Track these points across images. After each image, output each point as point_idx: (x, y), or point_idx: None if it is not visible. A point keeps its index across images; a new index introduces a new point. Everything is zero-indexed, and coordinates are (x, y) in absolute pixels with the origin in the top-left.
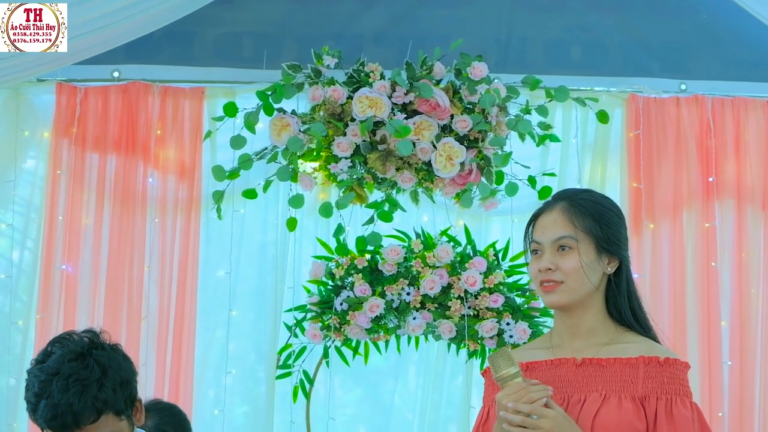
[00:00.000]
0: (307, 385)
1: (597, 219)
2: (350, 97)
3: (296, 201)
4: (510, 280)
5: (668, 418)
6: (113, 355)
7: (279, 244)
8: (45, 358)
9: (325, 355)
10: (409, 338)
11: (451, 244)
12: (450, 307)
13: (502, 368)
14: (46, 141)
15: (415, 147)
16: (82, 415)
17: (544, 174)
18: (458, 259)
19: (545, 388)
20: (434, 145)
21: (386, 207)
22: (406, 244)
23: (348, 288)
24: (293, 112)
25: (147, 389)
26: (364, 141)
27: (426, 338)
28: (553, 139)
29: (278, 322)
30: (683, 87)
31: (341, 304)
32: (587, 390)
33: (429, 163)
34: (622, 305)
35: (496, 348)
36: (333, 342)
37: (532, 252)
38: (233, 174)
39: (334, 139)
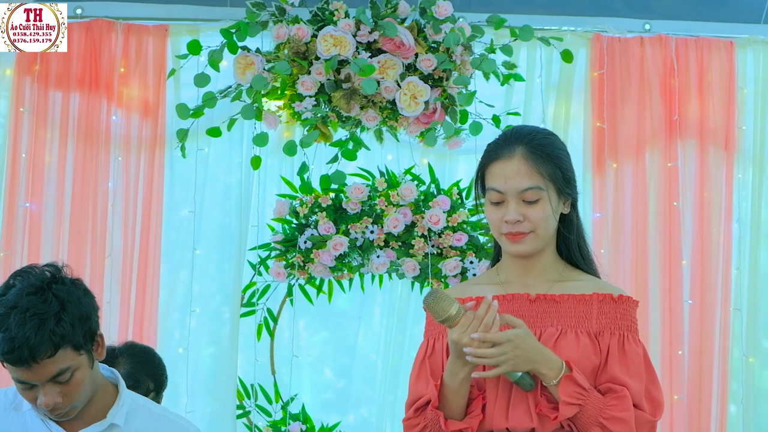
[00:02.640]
0: (271, 323)
1: (557, 163)
2: (315, 36)
3: (260, 139)
4: (473, 218)
5: (621, 353)
6: (73, 289)
7: (243, 182)
8: (5, 291)
9: (289, 293)
10: (373, 277)
11: (415, 182)
12: (414, 245)
13: (445, 311)
14: (8, 79)
15: (379, 86)
16: (39, 349)
17: (508, 113)
18: (422, 197)
19: (487, 302)
20: (399, 84)
21: (350, 145)
22: (370, 183)
23: (312, 226)
24: (257, 51)
25: (111, 328)
26: (328, 79)
27: (390, 277)
28: (518, 78)
29: (243, 261)
30: (647, 27)
31: (305, 242)
32: (542, 325)
33: (393, 102)
34: (573, 243)
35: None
36: (297, 280)
37: (492, 200)
38: (197, 112)
39: (298, 78)
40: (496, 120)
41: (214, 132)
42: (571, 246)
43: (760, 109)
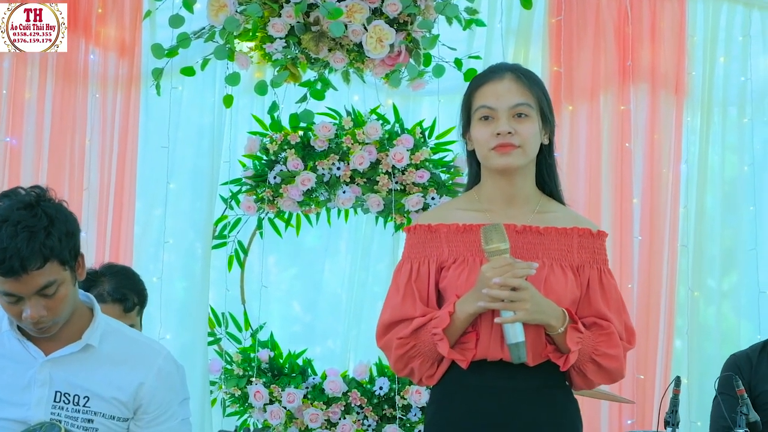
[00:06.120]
0: (242, 255)
1: (542, 90)
2: None
3: (233, 79)
4: (436, 156)
5: (600, 286)
6: (60, 207)
7: (216, 121)
8: None
9: (259, 226)
10: (339, 211)
11: (380, 122)
12: (378, 181)
13: (493, 241)
14: None
15: (346, 29)
16: (29, 260)
17: (469, 57)
18: (386, 136)
19: (529, 265)
20: (365, 27)
21: (319, 86)
22: (337, 122)
23: (281, 162)
24: None
25: (88, 259)
26: (298, 22)
27: (355, 212)
28: (479, 23)
29: (215, 196)
30: None
31: (275, 177)
32: (529, 257)
33: (360, 45)
34: (553, 175)
35: None
36: (267, 214)
37: (482, 119)
38: (172, 52)
39: (269, 20)
40: (458, 63)
41: (188, 71)
42: (552, 173)
43: (708, 55)
